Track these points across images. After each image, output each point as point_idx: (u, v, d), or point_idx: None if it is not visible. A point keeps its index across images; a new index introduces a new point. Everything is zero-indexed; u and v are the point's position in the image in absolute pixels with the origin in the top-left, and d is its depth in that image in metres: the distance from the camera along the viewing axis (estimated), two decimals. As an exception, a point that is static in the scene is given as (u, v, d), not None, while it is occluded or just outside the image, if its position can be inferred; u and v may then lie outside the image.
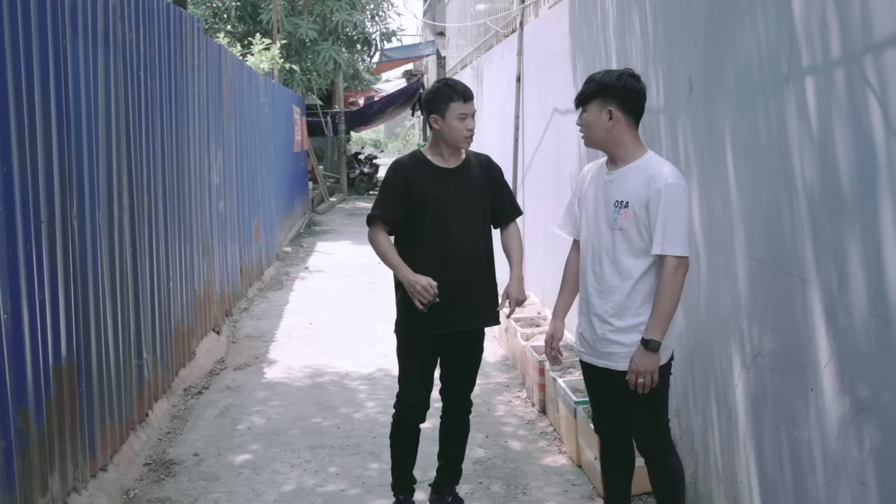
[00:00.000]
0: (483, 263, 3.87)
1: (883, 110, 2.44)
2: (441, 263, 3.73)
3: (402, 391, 3.92)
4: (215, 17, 20.44)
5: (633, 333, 3.22)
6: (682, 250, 3.14)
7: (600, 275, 3.29)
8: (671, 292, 3.14)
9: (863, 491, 2.61)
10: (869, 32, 2.50)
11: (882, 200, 2.46)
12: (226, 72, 8.29)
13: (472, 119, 3.76)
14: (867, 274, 2.55)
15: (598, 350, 3.32)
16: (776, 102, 3.08)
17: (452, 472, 4.10)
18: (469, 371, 3.98)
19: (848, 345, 2.67)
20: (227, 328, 7.90)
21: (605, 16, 5.24)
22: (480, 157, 3.97)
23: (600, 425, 3.57)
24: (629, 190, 3.21)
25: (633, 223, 3.19)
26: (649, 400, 3.25)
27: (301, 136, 17.05)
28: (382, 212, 3.81)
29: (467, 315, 3.81)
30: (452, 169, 3.82)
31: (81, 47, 4.12)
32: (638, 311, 3.22)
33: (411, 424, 3.94)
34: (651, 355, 3.15)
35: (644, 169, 3.22)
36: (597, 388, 3.47)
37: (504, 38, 9.46)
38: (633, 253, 3.21)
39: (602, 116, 3.23)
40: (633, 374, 3.17)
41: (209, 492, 4.36)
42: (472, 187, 3.83)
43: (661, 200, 3.12)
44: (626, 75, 3.26)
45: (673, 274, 3.14)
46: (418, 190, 3.76)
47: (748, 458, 3.40)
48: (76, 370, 3.96)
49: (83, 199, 4.12)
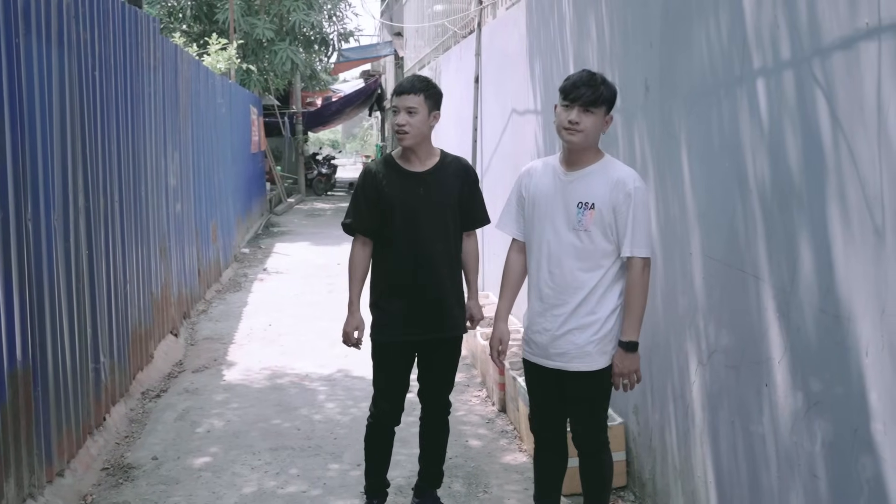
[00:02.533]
0: (455, 269, 3.86)
1: (830, 111, 2.51)
2: (413, 269, 3.72)
3: (377, 395, 3.90)
4: (170, 16, 20.22)
5: (588, 332, 3.28)
6: (648, 252, 3.26)
7: (559, 275, 3.32)
8: (641, 292, 3.26)
9: (815, 483, 2.67)
10: (817, 36, 2.57)
11: (830, 199, 2.53)
12: (182, 72, 8.21)
13: (403, 113, 3.64)
14: (818, 271, 2.61)
15: (549, 351, 3.36)
16: (729, 104, 3.14)
17: (434, 474, 4.07)
18: (446, 374, 3.95)
19: (800, 341, 2.73)
20: (185, 330, 7.83)
21: (561, 18, 5.29)
22: (457, 160, 3.90)
23: (538, 425, 3.59)
24: (594, 192, 3.25)
25: (598, 225, 3.24)
26: (596, 399, 3.35)
27: (258, 137, 16.93)
28: (354, 220, 3.79)
29: (442, 323, 3.80)
30: (422, 173, 3.75)
31: (35, 47, 4.06)
32: (594, 308, 3.28)
33: (386, 428, 3.93)
34: (632, 356, 3.27)
35: (607, 171, 3.27)
36: (542, 389, 3.51)
37: (462, 38, 9.50)
38: (595, 254, 3.27)
39: (604, 123, 3.28)
40: (617, 377, 3.28)
41: (169, 496, 4.33)
42: (442, 192, 3.76)
43: (632, 204, 3.20)
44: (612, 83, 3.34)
45: (641, 275, 3.24)
46: (387, 196, 3.71)
47: (704, 454, 3.46)
48: (32, 375, 3.90)
49: (38, 200, 4.06)
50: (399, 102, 3.66)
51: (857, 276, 2.43)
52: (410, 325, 3.75)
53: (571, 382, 3.31)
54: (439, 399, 3.98)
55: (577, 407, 3.41)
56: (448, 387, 3.99)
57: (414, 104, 3.65)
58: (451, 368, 3.95)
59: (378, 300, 3.81)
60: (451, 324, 3.85)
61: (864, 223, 2.38)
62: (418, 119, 3.66)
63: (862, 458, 2.44)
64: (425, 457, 4.05)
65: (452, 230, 3.82)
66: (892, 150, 2.25)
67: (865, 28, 2.33)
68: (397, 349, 3.82)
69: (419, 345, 3.84)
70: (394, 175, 3.76)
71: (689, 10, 3.47)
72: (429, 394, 3.97)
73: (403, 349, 3.83)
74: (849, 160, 2.43)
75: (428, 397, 3.98)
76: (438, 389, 3.96)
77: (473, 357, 6.60)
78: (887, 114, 2.26)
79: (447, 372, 3.95)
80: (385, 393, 3.88)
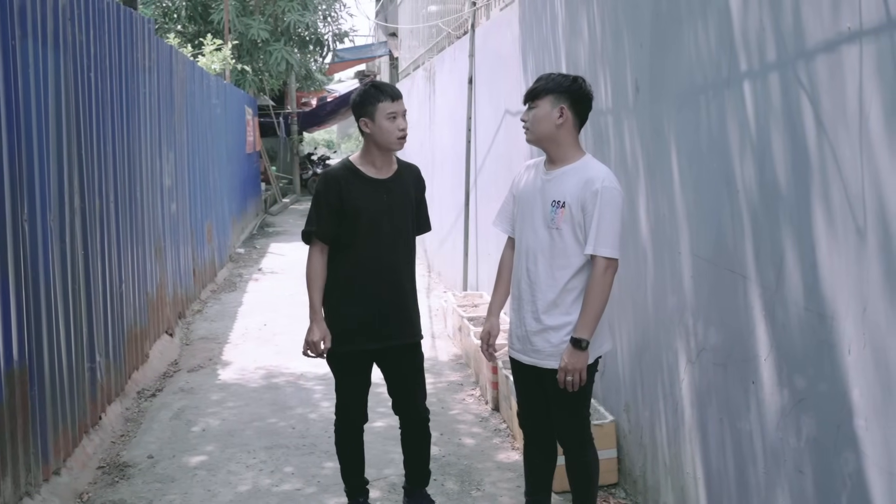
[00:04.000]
0: (412, 275, 3.86)
1: (814, 113, 2.55)
2: (375, 277, 3.71)
3: (339, 401, 3.90)
4: (165, 17, 20.22)
5: (562, 332, 3.29)
6: (612, 252, 3.22)
7: (534, 272, 3.36)
8: (600, 292, 3.22)
9: (800, 479, 2.72)
10: (801, 40, 2.61)
11: (814, 199, 2.57)
12: (177, 73, 8.24)
13: (402, 118, 3.65)
14: (802, 270, 2.66)
15: (527, 347, 3.40)
16: (717, 105, 3.19)
17: (421, 475, 4.07)
18: (416, 380, 3.91)
19: (786, 339, 2.78)
20: (180, 330, 7.87)
21: (554, 19, 5.34)
22: (411, 168, 3.92)
23: (526, 421, 3.62)
24: (567, 190, 3.29)
25: (568, 223, 3.27)
26: (575, 397, 3.34)
27: (253, 137, 16.96)
28: (317, 227, 3.72)
29: (403, 328, 3.80)
30: (385, 180, 3.74)
31: (31, 49, 4.09)
32: (569, 309, 3.29)
33: (354, 429, 3.93)
34: (580, 353, 3.22)
35: (582, 170, 3.30)
36: (525, 385, 3.55)
37: (456, 39, 9.54)
38: (566, 252, 3.29)
39: (553, 113, 3.31)
40: (562, 373, 3.24)
41: (164, 493, 4.36)
42: (404, 199, 3.77)
43: (598, 202, 3.20)
44: (580, 79, 3.37)
45: (602, 274, 3.21)
46: (352, 204, 3.66)
47: (693, 450, 3.51)
48: (28, 374, 3.94)
49: (34, 201, 4.09)
50: (398, 108, 3.65)
51: (840, 275, 2.47)
52: (370, 332, 3.73)
53: (549, 380, 3.34)
54: (416, 408, 3.91)
55: (557, 405, 3.43)
56: (422, 393, 3.93)
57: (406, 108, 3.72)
58: (419, 373, 3.91)
59: (334, 308, 3.78)
60: (412, 330, 3.84)
61: (846, 223, 2.43)
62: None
63: (845, 453, 2.49)
64: (410, 462, 4.02)
65: (411, 236, 3.83)
66: (874, 152, 2.29)
67: (848, 32, 2.38)
68: (356, 357, 3.79)
69: (378, 353, 3.80)
70: (358, 182, 3.71)
71: (679, 12, 3.51)
72: (404, 405, 3.91)
73: (363, 356, 3.80)
74: (832, 161, 2.48)
75: (404, 409, 3.92)
76: (413, 398, 3.89)
77: (467, 356, 6.65)
78: (868, 115, 2.30)
79: (416, 377, 3.90)
80: (348, 399, 3.87)
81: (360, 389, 3.88)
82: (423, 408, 3.95)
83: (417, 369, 3.91)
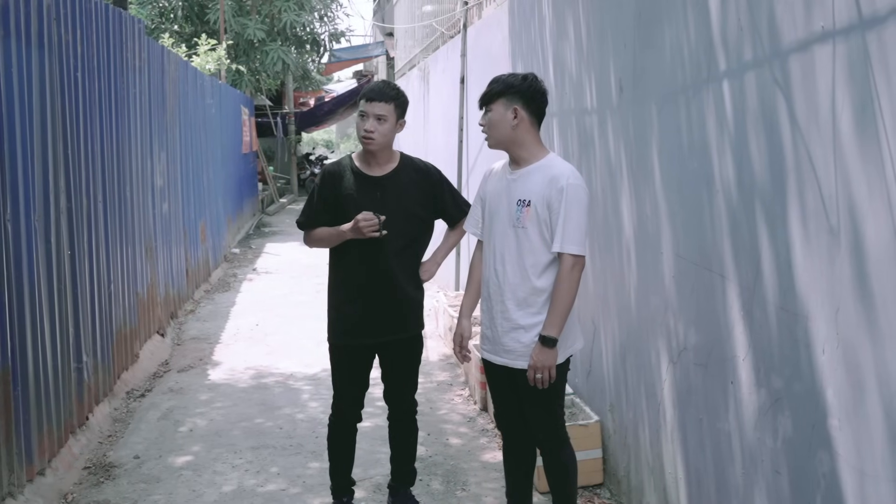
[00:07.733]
0: (413, 271, 3.85)
1: (789, 113, 2.55)
2: (369, 272, 3.73)
3: (336, 394, 3.93)
4: (161, 16, 20.22)
5: (532, 332, 3.28)
6: (578, 249, 3.21)
7: (502, 273, 3.35)
8: (567, 290, 3.22)
9: (776, 479, 2.71)
10: (776, 39, 2.61)
11: (790, 199, 2.57)
12: (169, 73, 8.24)
13: (373, 120, 3.64)
14: (778, 270, 2.65)
15: (498, 348, 3.39)
16: (697, 105, 3.18)
17: (406, 473, 4.10)
18: (408, 375, 3.97)
19: (763, 338, 2.77)
20: (171, 330, 7.86)
21: (542, 19, 5.33)
22: (417, 166, 3.90)
23: (502, 421, 3.62)
24: (531, 189, 3.28)
25: (534, 222, 3.26)
26: (547, 395, 3.33)
27: (250, 137, 16.95)
28: (308, 219, 3.85)
29: (398, 324, 3.82)
30: (380, 177, 3.76)
31: (14, 48, 4.09)
32: (539, 309, 3.29)
33: (347, 426, 3.97)
34: (548, 351, 3.22)
35: (546, 169, 3.29)
36: (498, 386, 3.54)
37: (449, 39, 9.53)
38: (533, 252, 3.28)
39: (507, 115, 3.31)
40: (531, 370, 3.24)
41: (149, 494, 4.36)
42: (401, 196, 3.76)
43: (563, 200, 3.19)
44: (530, 77, 3.35)
45: (569, 272, 3.21)
46: (344, 200, 3.73)
47: (675, 451, 3.50)
48: (11, 374, 3.93)
49: (17, 201, 4.09)
50: (369, 108, 3.65)
51: (815, 275, 2.47)
52: (367, 327, 3.77)
53: (521, 380, 3.33)
54: (404, 400, 3.99)
55: (529, 404, 3.42)
56: (411, 387, 4.01)
57: (384, 112, 3.66)
58: (413, 368, 3.97)
59: (335, 303, 3.84)
60: (408, 324, 3.87)
61: (819, 223, 2.42)
62: (386, 127, 3.68)
63: (819, 453, 2.48)
64: (396, 457, 4.09)
65: (409, 232, 3.80)
66: (845, 152, 2.29)
67: (821, 31, 2.37)
68: (354, 351, 3.84)
69: (377, 346, 3.86)
70: (352, 178, 3.77)
71: (660, 12, 3.51)
72: (393, 396, 3.99)
73: (361, 351, 3.85)
74: (806, 161, 2.47)
75: (393, 399, 4.00)
76: (402, 390, 3.97)
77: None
78: (840, 115, 2.30)
79: (409, 372, 3.96)
80: (344, 393, 3.91)
81: (354, 384, 3.91)
82: (412, 399, 4.01)
83: (414, 361, 3.96)
